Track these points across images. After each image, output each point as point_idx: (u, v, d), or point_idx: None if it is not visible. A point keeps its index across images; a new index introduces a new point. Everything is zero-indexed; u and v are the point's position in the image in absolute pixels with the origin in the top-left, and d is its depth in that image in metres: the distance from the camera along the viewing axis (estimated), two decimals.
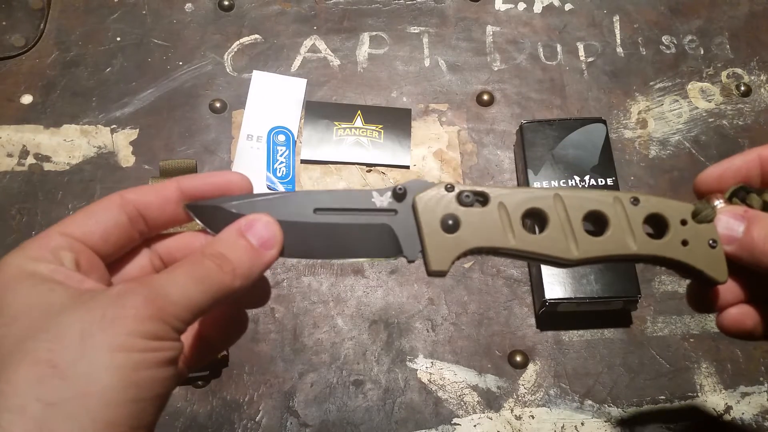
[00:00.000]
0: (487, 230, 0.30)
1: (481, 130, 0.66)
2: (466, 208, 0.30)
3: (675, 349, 0.58)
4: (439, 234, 0.30)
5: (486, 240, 0.30)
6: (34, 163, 0.63)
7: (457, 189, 0.31)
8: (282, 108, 0.66)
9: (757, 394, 0.56)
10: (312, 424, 0.54)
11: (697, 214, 0.32)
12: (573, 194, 0.31)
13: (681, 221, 0.31)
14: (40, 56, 0.67)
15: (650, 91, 0.68)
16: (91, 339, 0.24)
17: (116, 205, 0.30)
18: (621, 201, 0.31)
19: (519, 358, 0.57)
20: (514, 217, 0.30)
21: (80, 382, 0.23)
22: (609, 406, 0.56)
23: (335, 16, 0.70)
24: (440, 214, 0.30)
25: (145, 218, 0.31)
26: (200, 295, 0.27)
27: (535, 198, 0.31)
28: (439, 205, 0.30)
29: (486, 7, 0.72)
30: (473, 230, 0.30)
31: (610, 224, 0.31)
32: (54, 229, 0.29)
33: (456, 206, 0.30)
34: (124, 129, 0.65)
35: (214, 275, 0.27)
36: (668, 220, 0.31)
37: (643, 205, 0.31)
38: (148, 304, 0.25)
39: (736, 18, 0.72)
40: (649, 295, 0.59)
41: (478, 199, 0.31)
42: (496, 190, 0.31)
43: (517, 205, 0.31)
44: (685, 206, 0.32)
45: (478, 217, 0.30)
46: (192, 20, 0.70)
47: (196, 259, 0.28)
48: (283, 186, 0.63)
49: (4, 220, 0.61)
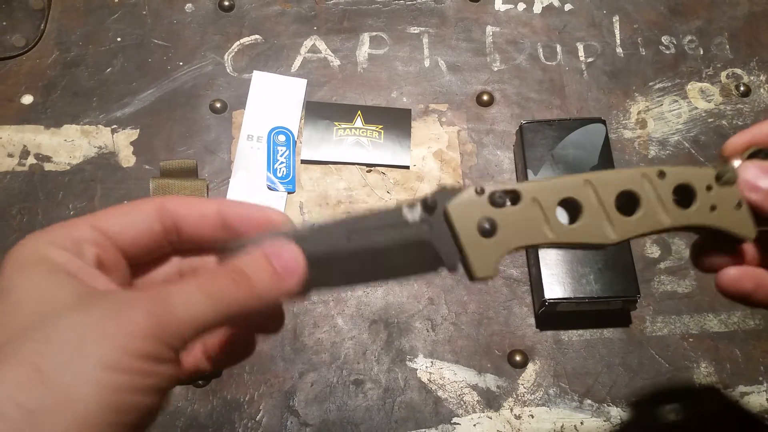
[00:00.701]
0: (525, 228, 0.30)
1: (481, 130, 0.66)
2: (500, 209, 0.30)
3: (674, 349, 0.58)
4: (478, 240, 0.29)
5: (525, 238, 0.30)
6: (35, 163, 0.63)
7: (488, 190, 0.30)
8: (282, 108, 0.66)
9: (756, 393, 0.57)
10: (312, 424, 0.55)
11: (720, 177, 0.32)
12: (602, 177, 0.31)
13: (707, 187, 0.32)
14: (40, 56, 0.67)
15: (650, 91, 0.68)
16: (83, 349, 0.23)
17: (154, 210, 0.29)
18: (649, 177, 0.31)
19: (518, 357, 0.57)
20: (549, 211, 0.30)
21: (61, 392, 0.22)
22: (608, 406, 0.56)
23: (335, 16, 0.71)
24: (476, 219, 0.29)
25: (179, 230, 0.30)
26: (209, 311, 0.26)
27: (566, 188, 0.30)
28: (472, 211, 0.30)
29: (486, 8, 0.72)
30: (511, 230, 0.30)
31: (642, 202, 0.31)
32: (85, 219, 0.28)
33: (490, 209, 0.30)
34: (124, 129, 0.65)
35: (229, 291, 0.26)
36: (695, 188, 0.32)
37: (669, 178, 0.31)
38: (150, 320, 0.24)
39: (735, 18, 0.72)
40: (648, 295, 0.59)
41: (511, 198, 0.30)
42: (527, 185, 0.30)
43: (550, 198, 0.30)
44: (708, 172, 0.32)
45: (513, 216, 0.30)
46: (192, 20, 0.70)
47: (212, 272, 0.27)
48: (283, 186, 0.63)
49: (4, 220, 0.61)
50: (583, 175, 0.31)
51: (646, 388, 0.57)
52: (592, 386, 0.57)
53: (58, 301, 0.25)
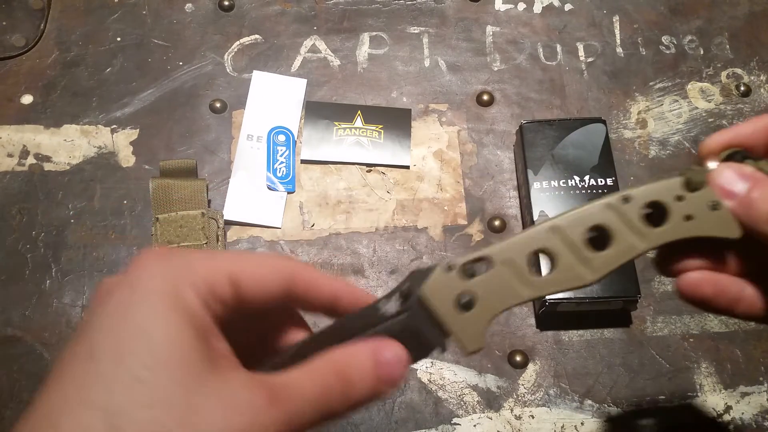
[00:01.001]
0: (502, 291, 0.30)
1: (481, 130, 0.66)
2: (473, 280, 0.29)
3: (675, 349, 0.58)
4: (461, 316, 0.29)
5: (505, 302, 0.30)
6: (35, 163, 0.63)
7: (458, 264, 0.29)
8: (282, 108, 0.66)
9: (757, 393, 0.57)
10: None
11: (689, 184, 0.31)
12: (566, 220, 0.30)
13: (676, 198, 0.30)
14: (40, 56, 0.67)
15: (650, 91, 0.68)
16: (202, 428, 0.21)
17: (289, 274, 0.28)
18: (613, 206, 0.30)
19: (519, 357, 0.57)
20: (522, 268, 0.30)
21: None
22: (609, 406, 0.56)
23: (335, 16, 0.71)
24: (452, 297, 0.29)
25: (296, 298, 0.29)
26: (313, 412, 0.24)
27: (533, 241, 0.30)
28: (447, 289, 0.29)
29: (486, 8, 0.72)
30: (489, 297, 0.29)
31: (613, 233, 0.30)
32: (224, 264, 0.26)
33: (463, 283, 0.29)
34: (124, 129, 0.65)
35: (333, 395, 0.25)
36: (664, 203, 0.30)
37: (635, 201, 0.30)
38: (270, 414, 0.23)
39: (736, 18, 0.72)
40: (648, 295, 0.59)
41: (482, 266, 0.30)
42: (493, 249, 0.30)
43: (520, 256, 0.30)
44: (674, 182, 0.31)
45: (488, 283, 0.30)
46: (192, 20, 0.70)
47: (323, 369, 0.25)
48: (283, 186, 0.63)
49: (4, 220, 0.61)
50: (547, 223, 0.30)
51: (646, 388, 0.56)
52: (592, 386, 0.56)
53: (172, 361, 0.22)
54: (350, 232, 0.62)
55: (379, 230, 0.62)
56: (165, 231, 0.58)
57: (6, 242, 0.60)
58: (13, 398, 0.55)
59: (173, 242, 0.58)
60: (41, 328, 0.57)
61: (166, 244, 0.58)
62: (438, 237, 0.62)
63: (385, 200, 0.63)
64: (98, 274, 0.59)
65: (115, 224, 0.61)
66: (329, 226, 0.62)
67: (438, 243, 0.61)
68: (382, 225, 0.62)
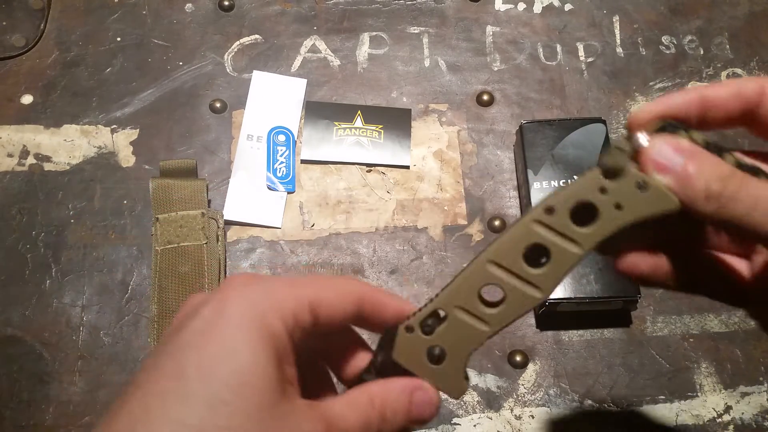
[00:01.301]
0: (466, 337, 0.30)
1: (481, 130, 0.66)
2: (436, 332, 0.30)
3: (675, 349, 0.58)
4: (437, 370, 0.30)
5: (470, 343, 0.30)
6: (35, 163, 0.63)
7: (415, 324, 0.31)
8: (282, 108, 0.66)
9: (757, 393, 0.57)
10: None
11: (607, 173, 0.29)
12: (499, 248, 0.30)
13: (600, 190, 0.29)
14: (40, 56, 0.67)
15: (650, 91, 0.68)
16: None
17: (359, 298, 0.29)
18: (539, 220, 0.29)
19: (519, 357, 0.57)
20: (475, 308, 0.30)
21: None
22: (609, 406, 0.56)
23: (335, 16, 0.71)
24: (423, 354, 0.30)
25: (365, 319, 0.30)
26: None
27: (476, 279, 0.30)
28: (415, 349, 0.31)
29: (486, 8, 0.72)
30: (456, 344, 0.30)
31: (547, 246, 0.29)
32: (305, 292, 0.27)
33: (428, 339, 0.30)
34: (124, 129, 0.65)
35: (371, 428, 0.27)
36: (589, 200, 0.29)
37: (559, 208, 0.29)
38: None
39: (736, 18, 0.72)
40: (648, 295, 0.59)
41: (438, 318, 0.31)
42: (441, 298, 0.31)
43: (469, 297, 0.30)
44: (592, 175, 0.29)
45: (450, 331, 0.30)
46: (192, 20, 0.70)
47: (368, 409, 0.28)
48: (283, 186, 0.63)
49: (4, 220, 0.61)
50: (482, 256, 0.30)
51: (646, 388, 0.56)
52: (592, 386, 0.56)
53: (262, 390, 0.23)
54: (350, 232, 0.62)
55: (379, 230, 0.62)
56: (165, 231, 0.58)
57: (6, 242, 0.60)
58: (13, 398, 0.55)
59: (173, 242, 0.58)
60: (41, 328, 0.57)
61: (165, 244, 0.58)
62: (438, 237, 0.62)
63: (385, 200, 0.63)
64: (98, 274, 0.59)
65: (115, 224, 0.61)
66: (329, 226, 0.62)
67: (438, 243, 0.61)
68: (382, 225, 0.62)
